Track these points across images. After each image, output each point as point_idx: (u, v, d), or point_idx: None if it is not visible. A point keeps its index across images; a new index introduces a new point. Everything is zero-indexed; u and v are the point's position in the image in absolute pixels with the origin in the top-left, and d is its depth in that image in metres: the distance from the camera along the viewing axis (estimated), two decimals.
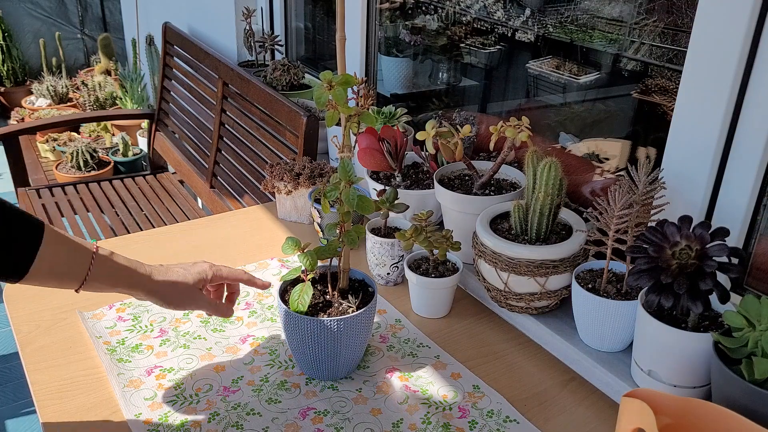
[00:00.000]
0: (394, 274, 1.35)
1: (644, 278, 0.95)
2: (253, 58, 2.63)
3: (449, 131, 1.29)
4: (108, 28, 5.15)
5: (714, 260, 0.92)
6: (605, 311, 1.06)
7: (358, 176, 1.00)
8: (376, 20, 1.98)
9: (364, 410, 1.04)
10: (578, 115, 1.67)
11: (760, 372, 0.81)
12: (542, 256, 1.11)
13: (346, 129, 1.02)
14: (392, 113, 1.71)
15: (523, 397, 1.08)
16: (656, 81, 1.41)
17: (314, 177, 1.56)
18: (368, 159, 1.40)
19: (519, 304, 1.17)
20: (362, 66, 2.02)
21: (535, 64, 1.72)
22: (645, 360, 1.01)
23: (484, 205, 1.25)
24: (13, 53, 4.69)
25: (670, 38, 1.36)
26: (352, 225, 1.04)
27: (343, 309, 1.06)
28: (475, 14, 1.90)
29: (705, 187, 1.09)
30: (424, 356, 1.16)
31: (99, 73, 4.49)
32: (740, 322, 0.86)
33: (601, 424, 1.04)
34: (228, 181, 2.41)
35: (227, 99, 2.43)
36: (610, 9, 1.50)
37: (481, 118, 1.83)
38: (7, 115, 4.56)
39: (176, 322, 1.23)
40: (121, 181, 2.98)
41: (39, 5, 5.00)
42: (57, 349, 1.15)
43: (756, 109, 1.01)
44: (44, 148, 3.77)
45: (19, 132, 2.80)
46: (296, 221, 1.60)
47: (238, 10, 2.65)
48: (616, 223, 1.04)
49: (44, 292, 1.29)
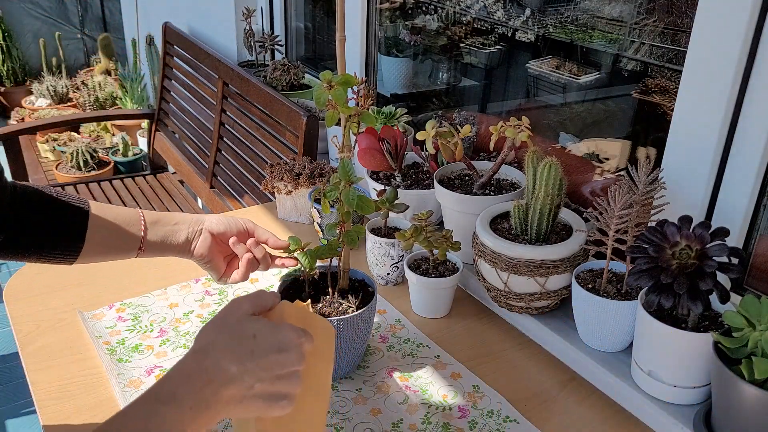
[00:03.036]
0: (394, 274, 1.35)
1: (644, 278, 0.95)
2: (253, 58, 2.63)
3: (449, 131, 1.29)
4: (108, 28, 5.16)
5: (714, 260, 0.92)
6: (605, 311, 1.06)
7: (358, 176, 1.00)
8: (376, 20, 1.98)
9: (364, 410, 1.04)
10: (578, 115, 1.67)
11: (760, 372, 0.81)
12: (542, 256, 1.11)
13: (346, 129, 1.02)
14: (392, 113, 1.71)
15: (523, 397, 1.08)
16: (656, 81, 1.41)
17: (314, 177, 1.56)
18: (368, 159, 1.40)
19: (519, 304, 1.17)
20: (362, 66, 2.02)
21: (535, 64, 1.72)
22: (645, 360, 1.01)
23: (484, 205, 1.25)
24: (13, 53, 4.69)
25: (670, 38, 1.36)
26: (352, 225, 1.04)
27: (343, 309, 1.06)
28: (475, 14, 1.90)
29: (705, 187, 1.09)
30: (424, 356, 1.16)
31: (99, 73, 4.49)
32: (740, 322, 0.86)
33: (601, 424, 1.04)
34: (228, 181, 2.41)
35: (227, 99, 2.43)
36: (610, 9, 1.50)
37: (481, 118, 1.83)
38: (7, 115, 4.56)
39: (176, 322, 1.23)
40: (121, 181, 2.98)
41: (39, 5, 5.00)
42: (57, 349, 1.15)
43: (756, 109, 1.01)
44: (44, 148, 3.77)
45: (19, 132, 2.81)
46: (296, 221, 1.60)
47: (238, 10, 2.65)
48: (616, 223, 1.04)
49: (44, 292, 1.29)
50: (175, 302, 1.28)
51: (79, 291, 1.30)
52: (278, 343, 0.74)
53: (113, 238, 1.01)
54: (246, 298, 0.79)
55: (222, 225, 1.07)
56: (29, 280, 1.33)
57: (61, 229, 0.97)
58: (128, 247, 1.02)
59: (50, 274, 1.34)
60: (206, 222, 1.07)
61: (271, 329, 0.75)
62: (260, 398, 0.73)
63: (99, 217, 0.99)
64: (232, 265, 1.10)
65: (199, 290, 1.32)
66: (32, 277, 1.34)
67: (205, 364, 0.72)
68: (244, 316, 0.76)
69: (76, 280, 1.33)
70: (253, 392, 0.73)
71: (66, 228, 0.97)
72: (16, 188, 0.95)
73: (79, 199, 0.99)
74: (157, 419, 0.68)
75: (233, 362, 0.72)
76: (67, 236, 0.97)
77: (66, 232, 0.97)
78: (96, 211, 0.99)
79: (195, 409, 0.70)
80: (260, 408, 0.74)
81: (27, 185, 0.97)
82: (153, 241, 1.03)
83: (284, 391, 0.75)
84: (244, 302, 0.78)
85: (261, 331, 0.74)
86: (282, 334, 0.75)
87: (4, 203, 0.92)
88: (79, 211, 0.98)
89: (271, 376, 0.73)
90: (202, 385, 0.70)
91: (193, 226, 1.06)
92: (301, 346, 0.76)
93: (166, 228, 1.05)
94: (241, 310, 0.77)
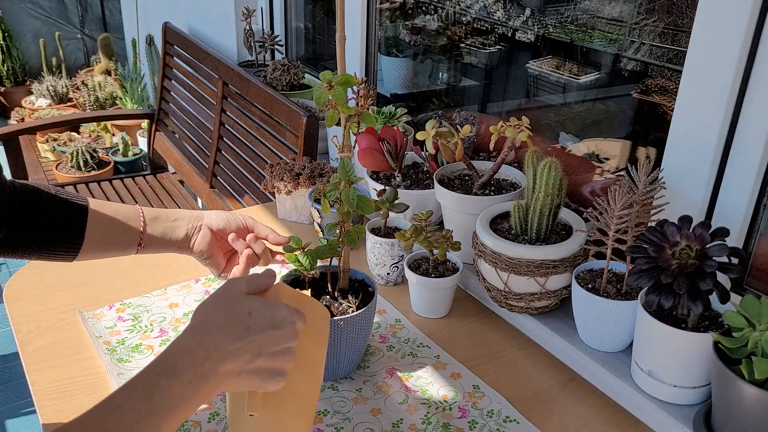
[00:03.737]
0: (394, 274, 1.35)
1: (644, 278, 0.95)
2: (253, 58, 2.63)
3: (449, 131, 1.29)
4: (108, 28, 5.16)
5: (714, 260, 0.92)
6: (605, 311, 1.06)
7: (358, 176, 1.00)
8: (376, 20, 1.98)
9: (364, 410, 1.04)
10: (578, 115, 1.67)
11: (760, 372, 0.81)
12: (542, 256, 1.11)
13: (346, 129, 1.02)
14: (392, 113, 1.71)
15: (523, 397, 1.08)
16: (656, 81, 1.41)
17: (314, 177, 1.56)
18: (368, 159, 1.40)
19: (519, 304, 1.17)
20: (362, 66, 2.02)
21: (535, 64, 1.72)
22: (645, 360, 1.01)
23: (484, 205, 1.25)
24: (13, 53, 4.70)
25: (670, 38, 1.36)
26: (352, 225, 1.04)
27: (343, 309, 1.06)
28: (475, 14, 1.90)
29: (705, 187, 1.09)
30: (424, 356, 1.16)
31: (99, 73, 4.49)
32: (740, 322, 0.86)
33: (601, 424, 1.04)
34: (228, 181, 2.41)
35: (227, 99, 2.43)
36: (610, 9, 1.50)
37: (481, 118, 1.83)
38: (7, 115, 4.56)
39: (176, 322, 1.23)
40: (121, 181, 2.98)
41: (39, 5, 5.00)
42: (57, 349, 1.15)
43: (756, 109, 1.01)
44: (44, 148, 3.77)
45: (19, 132, 2.81)
46: (296, 221, 1.60)
47: (238, 10, 2.65)
48: (616, 223, 1.04)
49: (44, 292, 1.29)
50: (175, 302, 1.28)
51: (79, 291, 1.30)
52: (273, 320, 0.77)
53: (113, 234, 1.01)
54: (242, 278, 0.81)
55: (221, 221, 1.07)
56: (29, 280, 1.33)
57: (61, 225, 0.97)
58: (128, 243, 1.03)
59: (50, 274, 1.34)
60: (206, 218, 1.07)
61: (266, 307, 0.78)
62: (255, 373, 0.76)
63: (98, 212, 1.00)
64: (232, 261, 1.10)
65: (199, 290, 1.32)
66: (32, 277, 1.34)
67: (203, 340, 0.74)
68: (240, 294, 0.79)
69: (76, 279, 1.33)
70: (249, 367, 0.75)
71: (65, 224, 0.97)
72: (15, 186, 0.95)
73: (77, 196, 1.00)
74: (159, 392, 0.70)
75: (230, 338, 0.74)
76: (67, 232, 0.97)
77: (65, 229, 0.97)
78: (95, 207, 1.00)
79: (194, 383, 0.72)
80: (255, 383, 0.77)
81: (26, 183, 0.97)
82: (152, 237, 1.04)
83: (279, 367, 0.78)
84: (240, 282, 0.80)
85: (256, 309, 0.77)
86: (276, 311, 0.78)
87: (3, 201, 0.92)
88: (78, 208, 0.98)
89: (266, 351, 0.76)
90: (201, 360, 0.73)
91: (193, 222, 1.06)
92: (295, 324, 0.78)
93: (166, 224, 1.05)
94: (237, 288, 0.79)
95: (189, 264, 1.09)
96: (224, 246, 1.09)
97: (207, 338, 0.74)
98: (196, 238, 1.06)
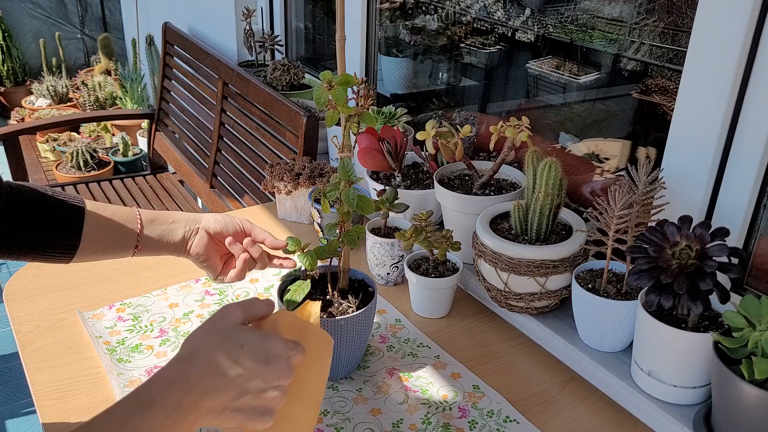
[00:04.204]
0: (394, 274, 1.35)
1: (644, 278, 0.95)
2: (253, 58, 2.63)
3: (449, 131, 1.29)
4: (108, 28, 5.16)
5: (714, 260, 0.92)
6: (605, 311, 1.06)
7: (358, 176, 1.00)
8: (376, 20, 1.98)
9: (364, 410, 1.04)
10: (578, 115, 1.67)
11: (760, 372, 0.81)
12: (542, 256, 1.11)
13: (346, 129, 1.02)
14: (392, 113, 1.71)
15: (523, 397, 1.08)
16: (656, 81, 1.41)
17: (314, 177, 1.56)
18: (368, 159, 1.40)
19: (519, 304, 1.17)
20: (362, 66, 2.02)
21: (535, 64, 1.72)
22: (645, 360, 1.01)
23: (484, 205, 1.25)
24: (13, 53, 4.69)
25: (670, 38, 1.36)
26: (352, 225, 1.04)
27: (343, 309, 1.06)
28: (475, 14, 1.90)
29: (705, 187, 1.09)
30: (424, 356, 1.16)
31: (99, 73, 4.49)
32: (740, 322, 0.86)
33: (601, 424, 1.04)
34: (228, 181, 2.41)
35: (227, 99, 2.43)
36: (610, 9, 1.50)
37: (481, 118, 1.83)
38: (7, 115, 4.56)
39: (176, 322, 1.23)
40: (121, 181, 2.98)
41: (39, 5, 5.00)
42: (57, 349, 1.15)
43: (756, 109, 1.01)
44: (44, 148, 3.77)
45: (19, 132, 2.81)
46: (296, 221, 1.60)
47: (238, 10, 2.65)
48: (616, 223, 1.04)
49: (44, 292, 1.29)
50: (175, 302, 1.28)
51: (79, 291, 1.30)
52: (266, 354, 0.73)
53: (110, 236, 1.01)
54: (238, 305, 0.77)
55: (219, 224, 1.07)
56: (29, 280, 1.33)
57: (58, 226, 0.97)
58: (125, 245, 1.02)
59: (50, 275, 1.34)
60: (203, 221, 1.07)
61: (260, 340, 0.74)
62: (240, 411, 0.72)
63: (95, 214, 0.99)
64: (229, 264, 1.10)
65: (199, 290, 1.32)
66: (32, 277, 1.34)
67: (188, 372, 0.71)
68: (233, 325, 0.75)
69: (76, 280, 1.33)
70: (234, 404, 0.72)
71: (62, 225, 0.97)
72: (11, 187, 0.95)
73: (75, 198, 1.00)
74: (134, 424, 0.67)
75: (217, 372, 0.71)
76: (64, 234, 0.97)
77: (62, 230, 0.97)
78: (92, 208, 1.00)
79: (173, 417, 0.68)
80: (240, 420, 0.73)
81: (22, 184, 0.97)
82: (149, 239, 1.03)
83: (267, 406, 0.73)
84: (236, 310, 0.77)
85: (250, 341, 0.73)
86: (271, 345, 0.73)
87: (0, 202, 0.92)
88: (75, 209, 0.98)
89: (255, 389, 0.72)
90: (183, 393, 0.69)
91: (190, 225, 1.06)
92: (290, 359, 0.74)
93: (163, 226, 1.05)
94: (231, 318, 0.76)
95: (189, 264, 1.09)
96: (221, 249, 1.09)
97: (192, 369, 0.71)
98: (193, 240, 1.06)
